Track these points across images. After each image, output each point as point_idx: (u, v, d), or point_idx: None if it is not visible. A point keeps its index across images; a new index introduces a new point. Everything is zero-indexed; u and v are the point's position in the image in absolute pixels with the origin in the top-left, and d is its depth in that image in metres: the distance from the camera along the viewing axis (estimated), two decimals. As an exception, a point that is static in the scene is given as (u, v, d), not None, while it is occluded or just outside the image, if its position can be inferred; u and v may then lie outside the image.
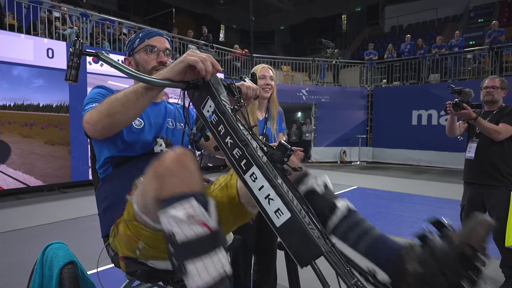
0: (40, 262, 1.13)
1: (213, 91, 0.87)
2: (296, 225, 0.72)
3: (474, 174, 2.67)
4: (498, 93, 2.62)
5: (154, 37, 1.27)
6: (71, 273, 1.06)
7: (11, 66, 5.32)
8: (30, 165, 5.44)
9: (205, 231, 0.76)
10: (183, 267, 0.75)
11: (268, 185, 0.76)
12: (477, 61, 9.89)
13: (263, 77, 1.96)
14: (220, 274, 0.75)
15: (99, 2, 17.41)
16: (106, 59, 0.87)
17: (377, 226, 1.38)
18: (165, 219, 0.77)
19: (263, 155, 0.80)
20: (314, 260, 0.70)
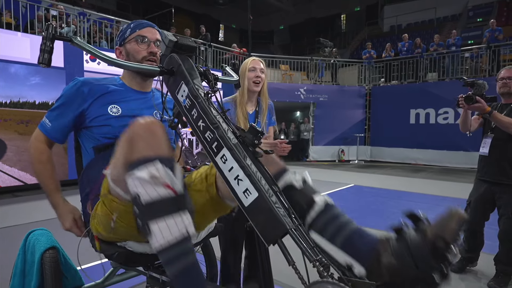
0: (22, 248, 1.14)
1: (187, 76, 0.89)
2: (263, 204, 0.73)
3: (487, 171, 2.55)
4: None
5: (146, 28, 1.29)
6: (52, 257, 1.07)
7: (8, 63, 5.34)
8: (26, 162, 5.46)
9: (168, 193, 0.79)
10: (147, 227, 0.78)
11: (237, 166, 0.77)
12: (475, 60, 9.90)
13: (253, 69, 1.94)
14: (182, 234, 0.78)
15: (98, 1, 17.45)
16: (80, 44, 0.89)
17: (371, 222, 1.40)
18: (131, 181, 0.80)
19: (233, 137, 0.81)
20: (279, 238, 0.71)
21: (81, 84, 1.23)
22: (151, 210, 0.78)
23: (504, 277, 2.53)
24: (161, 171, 0.79)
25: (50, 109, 1.25)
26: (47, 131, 1.23)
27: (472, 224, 2.67)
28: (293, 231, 0.70)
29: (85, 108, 1.22)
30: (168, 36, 0.96)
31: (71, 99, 1.22)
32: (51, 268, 1.06)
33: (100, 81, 1.27)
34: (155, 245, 0.77)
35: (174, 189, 0.80)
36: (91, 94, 1.23)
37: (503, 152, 2.45)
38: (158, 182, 0.78)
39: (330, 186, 6.70)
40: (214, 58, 9.92)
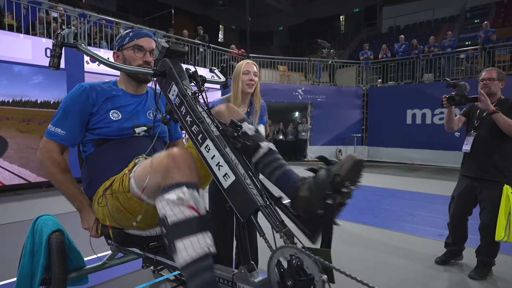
0: (31, 231, 1.27)
1: (177, 78, 1.02)
2: (239, 186, 0.86)
3: (469, 167, 2.67)
4: (495, 85, 2.57)
5: (143, 38, 1.40)
6: (58, 239, 1.20)
7: (10, 65, 5.47)
8: (26, 159, 5.59)
9: (193, 214, 0.89)
10: (173, 245, 0.88)
11: (218, 154, 0.90)
12: (470, 61, 10.03)
13: (247, 72, 2.05)
14: (204, 251, 0.87)
15: (98, 2, 17.58)
16: (84, 50, 1.03)
17: (367, 219, 1.51)
18: (160, 204, 0.91)
19: (216, 130, 0.94)
20: (252, 213, 0.84)
21: (90, 90, 1.34)
22: (177, 229, 0.88)
23: (485, 268, 2.66)
24: (186, 194, 0.89)
25: (56, 118, 1.31)
26: (63, 139, 1.30)
27: (455, 217, 2.81)
28: (264, 208, 0.84)
29: (94, 112, 1.33)
30: (161, 42, 1.09)
31: (80, 103, 1.32)
32: (57, 248, 1.19)
33: (102, 85, 1.39)
34: (180, 261, 0.87)
35: (198, 210, 0.90)
36: (98, 98, 1.34)
37: (484, 149, 2.58)
38: (183, 203, 0.89)
39: (326, 185, 6.83)
40: (212, 59, 10.05)
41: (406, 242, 3.49)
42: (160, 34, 9.75)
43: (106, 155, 1.24)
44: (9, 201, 5.06)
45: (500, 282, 2.58)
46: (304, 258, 0.75)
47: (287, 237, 0.80)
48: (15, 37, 5.68)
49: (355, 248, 3.33)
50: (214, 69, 1.43)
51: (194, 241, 0.87)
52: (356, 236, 3.73)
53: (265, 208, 0.84)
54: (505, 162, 2.52)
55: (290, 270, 0.77)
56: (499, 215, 2.42)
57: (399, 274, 2.75)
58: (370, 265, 2.92)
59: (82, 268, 1.38)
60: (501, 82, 2.61)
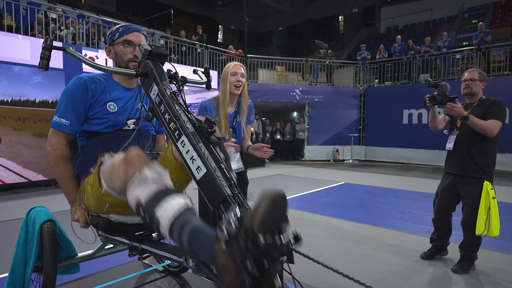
0: (25, 221, 1.36)
1: (157, 78, 1.11)
2: (210, 177, 0.95)
3: (452, 164, 2.77)
4: (476, 86, 2.67)
5: (132, 33, 1.48)
6: (50, 228, 1.29)
7: (10, 65, 5.57)
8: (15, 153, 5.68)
9: (159, 187, 0.96)
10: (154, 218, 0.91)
11: (192, 149, 0.99)
12: (465, 61, 10.12)
13: (234, 73, 2.12)
14: (182, 207, 0.91)
15: (97, 3, 17.67)
16: (72, 53, 1.11)
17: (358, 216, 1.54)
18: (130, 195, 0.98)
19: (191, 127, 1.03)
20: (220, 202, 0.93)
21: (89, 81, 1.42)
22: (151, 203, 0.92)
23: (467, 262, 2.75)
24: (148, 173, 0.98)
25: (59, 109, 1.40)
26: (68, 128, 1.39)
27: (439, 213, 2.90)
28: (231, 198, 0.92)
29: (93, 102, 1.42)
30: (144, 46, 1.18)
31: (80, 95, 1.40)
32: (49, 237, 1.27)
33: (100, 78, 1.47)
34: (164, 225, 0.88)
35: (163, 183, 0.98)
36: (97, 90, 1.43)
37: (466, 147, 2.67)
38: (147, 181, 0.96)
39: (321, 184, 6.92)
40: (210, 59, 10.15)
41: (394, 238, 3.57)
42: (158, 35, 9.84)
43: (96, 148, 1.33)
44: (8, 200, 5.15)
45: (482, 276, 2.66)
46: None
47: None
48: (14, 38, 5.78)
49: (341, 243, 3.41)
50: (197, 70, 1.52)
51: (170, 204, 0.91)
52: (344, 231, 3.81)
53: (232, 198, 0.93)
54: (485, 159, 2.61)
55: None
56: (479, 210, 2.51)
57: (384, 267, 2.84)
58: (355, 259, 3.00)
59: (73, 257, 1.46)
60: (483, 83, 2.70)
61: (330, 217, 4.33)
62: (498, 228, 2.51)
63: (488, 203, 2.50)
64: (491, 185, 2.57)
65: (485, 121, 2.55)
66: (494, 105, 2.60)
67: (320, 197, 5.69)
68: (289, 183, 7.13)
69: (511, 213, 4.73)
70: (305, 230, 3.79)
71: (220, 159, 1.01)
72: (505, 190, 6.28)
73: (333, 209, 4.82)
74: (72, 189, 1.38)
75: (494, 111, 2.58)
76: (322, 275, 2.55)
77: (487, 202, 2.51)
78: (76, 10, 12.62)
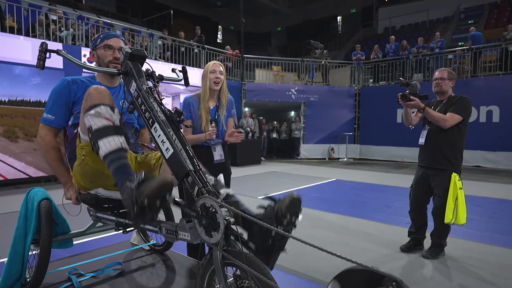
0: (25, 199, 1.57)
1: (135, 76, 1.32)
2: (176, 156, 1.16)
3: (423, 158, 2.98)
4: (446, 84, 2.87)
5: (112, 39, 1.70)
6: (46, 205, 1.49)
7: (11, 65, 5.79)
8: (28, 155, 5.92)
9: (108, 123, 1.26)
10: (96, 144, 1.24)
11: (163, 133, 1.20)
12: (458, 61, 10.32)
13: (213, 71, 2.34)
14: (118, 146, 1.24)
15: (98, 4, 17.88)
16: (64, 55, 1.32)
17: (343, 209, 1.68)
18: (85, 119, 1.27)
19: (162, 115, 1.24)
20: (184, 176, 1.14)
21: (72, 82, 1.65)
22: (98, 133, 1.23)
23: (437, 248, 2.95)
24: (103, 110, 1.25)
25: (47, 107, 1.64)
26: (54, 122, 1.63)
27: (414, 204, 3.09)
28: (192, 172, 1.13)
29: (76, 100, 1.63)
30: (125, 48, 1.39)
31: (64, 94, 1.62)
32: (45, 213, 1.48)
33: (83, 79, 1.68)
34: (102, 154, 1.22)
35: (112, 121, 1.26)
36: (79, 89, 1.64)
37: (435, 141, 2.88)
38: (101, 116, 1.25)
39: (313, 180, 7.13)
40: (208, 59, 10.35)
41: (375, 229, 3.77)
42: (157, 35, 10.06)
43: None
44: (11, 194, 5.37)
45: (449, 261, 2.87)
46: (216, 206, 1.04)
47: (208, 193, 1.09)
48: (15, 39, 6.00)
49: (322, 232, 3.61)
50: (175, 69, 1.73)
51: (110, 140, 1.23)
52: (327, 222, 4.01)
53: (194, 172, 1.13)
54: (453, 153, 2.82)
55: (206, 215, 1.06)
56: (448, 200, 2.72)
57: (360, 254, 3.04)
58: (332, 246, 3.20)
59: (67, 233, 1.67)
60: (452, 81, 2.90)
61: (315, 210, 4.54)
62: (465, 217, 2.72)
63: (456, 193, 2.71)
64: (458, 176, 2.78)
65: (441, 113, 2.77)
66: (458, 101, 2.82)
67: (310, 192, 5.90)
68: (282, 179, 7.34)
69: (497, 208, 4.93)
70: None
71: (186, 143, 1.21)
72: (495, 186, 6.48)
73: (320, 203, 5.03)
74: (62, 172, 1.61)
75: (455, 106, 2.79)
76: (299, 259, 2.76)
77: (455, 193, 2.71)
78: (77, 11, 12.85)
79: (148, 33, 9.76)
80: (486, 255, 3.03)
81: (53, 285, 1.59)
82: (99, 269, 1.74)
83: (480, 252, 3.10)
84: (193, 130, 2.33)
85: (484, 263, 2.83)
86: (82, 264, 1.80)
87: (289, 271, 2.56)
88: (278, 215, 1.11)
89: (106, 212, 1.60)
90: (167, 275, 1.74)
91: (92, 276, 1.68)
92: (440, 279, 2.54)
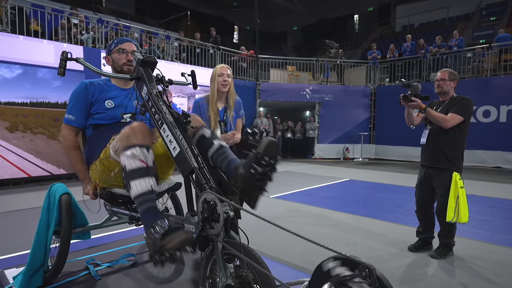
0: (47, 194, 1.72)
1: (146, 81, 1.44)
2: (182, 154, 1.27)
3: (425, 157, 3.01)
4: (447, 85, 2.89)
5: (125, 43, 1.85)
6: (67, 199, 1.64)
7: (35, 68, 6.09)
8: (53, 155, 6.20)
9: (142, 165, 1.33)
10: (128, 184, 1.32)
11: (170, 134, 1.31)
12: (478, 60, 10.09)
13: (221, 74, 2.46)
14: (148, 188, 1.32)
15: (117, 6, 18.37)
16: (82, 63, 1.46)
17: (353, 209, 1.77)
18: (122, 158, 1.36)
19: (171, 117, 1.35)
20: (189, 173, 1.25)
21: (89, 85, 1.80)
22: (131, 174, 1.32)
23: (445, 248, 2.96)
24: (138, 151, 1.34)
25: (68, 108, 1.79)
26: (74, 122, 1.78)
27: (420, 204, 3.12)
28: (197, 169, 1.24)
29: (93, 101, 1.79)
30: (137, 55, 1.51)
31: (83, 96, 1.78)
32: (66, 206, 1.62)
33: (99, 82, 1.83)
34: (133, 194, 1.31)
35: (146, 163, 1.35)
36: (96, 91, 1.80)
37: (436, 141, 2.91)
38: (136, 158, 1.33)
39: (326, 180, 7.15)
40: (222, 60, 10.50)
41: (384, 228, 3.78)
42: (173, 37, 10.28)
43: (100, 136, 1.68)
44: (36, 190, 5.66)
45: (457, 261, 2.87)
46: (216, 201, 1.14)
47: (210, 188, 1.19)
48: (39, 42, 6.30)
49: (330, 230, 3.65)
50: (184, 73, 1.85)
51: (142, 182, 1.31)
52: (335, 221, 4.05)
53: (198, 170, 1.24)
54: (454, 152, 2.84)
55: (208, 208, 1.17)
56: (449, 198, 2.74)
57: (365, 252, 3.07)
58: (338, 244, 3.24)
59: (85, 225, 1.81)
60: (453, 82, 2.91)
61: (325, 209, 4.58)
62: (467, 215, 2.72)
63: (457, 192, 2.73)
64: (459, 175, 2.79)
65: (442, 114, 2.79)
66: (459, 101, 2.84)
67: (321, 192, 5.94)
68: (294, 179, 7.39)
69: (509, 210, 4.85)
70: (296, 219, 4.07)
71: (191, 142, 1.32)
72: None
73: (330, 202, 5.06)
74: (82, 169, 1.75)
75: (457, 106, 2.81)
76: (290, 248, 2.82)
77: (456, 191, 2.73)
78: (97, 14, 13.28)
79: (165, 35, 9.98)
80: (494, 255, 3.01)
81: (72, 273, 1.73)
82: (114, 260, 1.87)
83: (488, 252, 3.09)
84: (203, 130, 2.44)
85: (490, 263, 2.82)
86: (99, 255, 1.94)
87: (280, 261, 2.65)
88: (258, 157, 1.24)
89: (120, 206, 1.73)
90: (176, 266, 1.86)
91: (108, 266, 1.81)
92: (442, 277, 2.56)
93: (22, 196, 5.23)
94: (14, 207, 4.50)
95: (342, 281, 0.85)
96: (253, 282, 1.13)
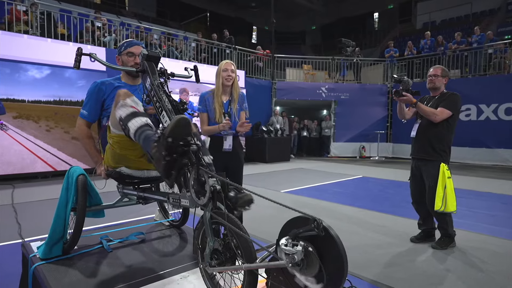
0: (66, 175, 1.94)
1: (150, 73, 1.63)
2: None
3: (415, 150, 3.13)
4: (439, 81, 3.00)
5: (134, 46, 2.05)
6: (83, 180, 1.85)
7: (62, 69, 6.50)
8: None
9: (133, 109, 1.55)
10: (126, 127, 1.51)
11: (168, 120, 1.50)
12: (499, 56, 9.83)
13: (225, 70, 2.64)
14: (143, 122, 1.50)
15: (139, 9, 18.98)
16: (94, 57, 1.67)
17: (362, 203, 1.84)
18: (116, 113, 1.56)
19: (169, 105, 1.54)
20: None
21: (101, 84, 2.03)
22: (126, 118, 1.52)
23: (446, 239, 3.02)
24: (128, 101, 1.56)
25: (84, 104, 2.05)
26: (86, 116, 2.03)
27: (414, 195, 3.22)
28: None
29: (105, 98, 2.01)
30: (143, 51, 1.70)
31: (96, 94, 2.01)
32: (82, 186, 1.83)
33: (110, 80, 2.05)
34: (132, 133, 1.49)
35: (137, 109, 1.57)
36: (107, 89, 2.02)
37: (425, 134, 3.02)
38: (127, 105, 1.55)
39: (339, 177, 7.21)
40: (238, 59, 10.71)
41: (389, 221, 3.86)
42: (191, 38, 10.59)
43: None
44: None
45: (457, 252, 2.93)
46: (205, 175, 1.31)
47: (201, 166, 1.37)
48: (65, 45, 6.71)
49: (334, 222, 3.75)
50: (187, 67, 2.04)
51: (137, 119, 1.51)
52: (342, 214, 4.15)
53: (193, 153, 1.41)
54: (441, 145, 2.95)
55: (198, 182, 1.34)
56: (437, 188, 2.85)
57: (367, 241, 3.18)
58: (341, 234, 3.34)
59: (99, 205, 2.03)
60: (445, 78, 3.02)
61: (334, 203, 4.68)
62: (455, 205, 2.84)
63: (445, 182, 2.84)
64: (447, 166, 2.91)
65: (431, 108, 2.90)
66: (449, 97, 2.94)
67: (332, 187, 6.02)
68: (307, 175, 7.49)
69: None
70: (301, 210, 4.18)
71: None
72: None
73: (340, 197, 5.14)
74: (94, 154, 2.00)
75: (445, 101, 2.91)
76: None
77: (444, 181, 2.84)
78: (120, 17, 13.82)
79: (184, 36, 10.30)
80: (495, 247, 3.05)
81: (88, 246, 1.95)
82: (125, 236, 2.08)
83: (491, 244, 3.12)
84: (209, 121, 2.63)
85: (489, 254, 2.87)
86: (112, 232, 2.15)
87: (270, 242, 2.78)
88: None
89: (128, 186, 1.94)
90: (180, 244, 2.05)
91: (119, 242, 2.02)
92: (428, 262, 2.65)
93: (50, 188, 5.61)
94: (43, 197, 4.86)
95: (297, 234, 1.01)
96: (236, 249, 1.30)
